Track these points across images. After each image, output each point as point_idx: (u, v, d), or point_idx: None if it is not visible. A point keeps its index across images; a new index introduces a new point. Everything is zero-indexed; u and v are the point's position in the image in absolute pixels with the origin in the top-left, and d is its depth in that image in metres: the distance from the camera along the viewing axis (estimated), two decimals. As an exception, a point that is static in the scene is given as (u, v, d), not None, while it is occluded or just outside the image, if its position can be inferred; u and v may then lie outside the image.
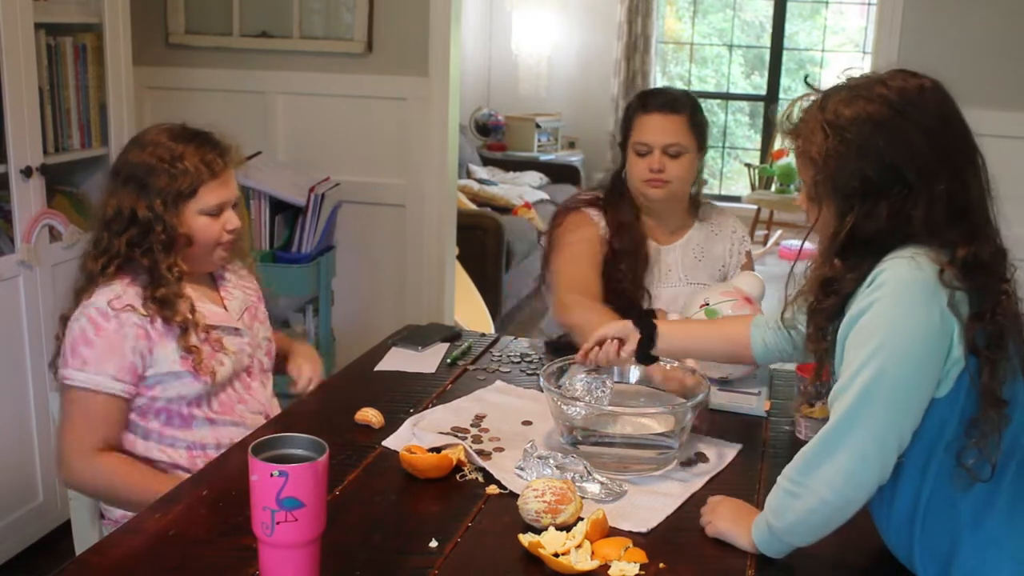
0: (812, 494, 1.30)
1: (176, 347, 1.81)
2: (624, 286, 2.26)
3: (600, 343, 1.80)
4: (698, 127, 2.28)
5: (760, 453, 1.77)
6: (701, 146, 2.31)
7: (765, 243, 6.99)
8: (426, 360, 2.21)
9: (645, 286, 2.30)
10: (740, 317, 1.84)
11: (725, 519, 1.46)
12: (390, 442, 1.76)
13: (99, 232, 1.85)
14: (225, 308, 1.95)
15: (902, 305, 1.26)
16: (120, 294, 1.79)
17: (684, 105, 2.27)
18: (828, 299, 1.33)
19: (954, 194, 1.28)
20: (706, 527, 1.47)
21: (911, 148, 1.27)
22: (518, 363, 2.22)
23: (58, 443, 1.80)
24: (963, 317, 1.26)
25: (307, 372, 2.07)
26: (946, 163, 1.27)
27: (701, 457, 1.73)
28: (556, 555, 1.36)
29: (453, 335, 2.39)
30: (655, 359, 1.79)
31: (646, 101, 2.29)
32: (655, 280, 2.32)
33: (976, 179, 1.30)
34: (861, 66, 6.95)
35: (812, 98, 1.37)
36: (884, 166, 1.27)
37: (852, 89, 1.33)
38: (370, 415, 1.83)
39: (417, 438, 1.77)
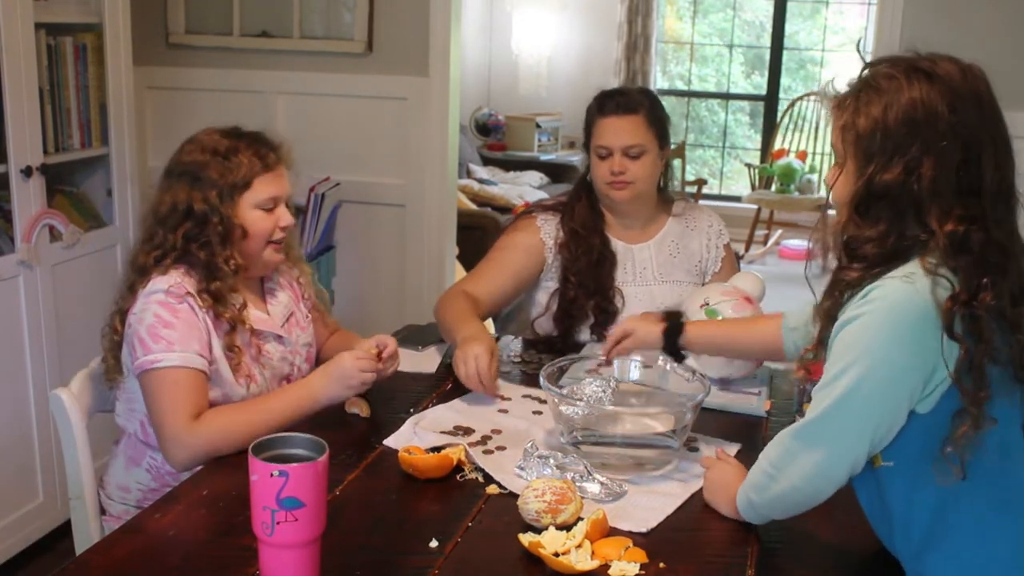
0: (786, 480, 1.38)
1: (221, 346, 1.81)
2: (588, 289, 2.28)
3: (618, 341, 1.88)
4: (657, 124, 2.28)
5: (759, 451, 1.77)
6: (663, 142, 2.30)
7: (765, 243, 6.99)
8: (426, 360, 2.21)
9: (617, 286, 2.30)
10: (770, 317, 1.87)
11: (711, 489, 1.57)
12: (390, 442, 1.76)
13: (152, 228, 1.85)
14: (268, 314, 1.95)
15: (887, 325, 1.28)
16: (179, 281, 1.79)
17: (640, 104, 2.26)
18: (851, 266, 1.34)
19: (966, 167, 1.29)
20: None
21: (933, 109, 1.29)
22: (518, 363, 2.21)
23: (158, 428, 1.75)
24: (957, 337, 1.26)
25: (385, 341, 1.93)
26: (964, 133, 1.29)
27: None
28: (556, 555, 1.36)
29: (453, 335, 2.39)
30: (683, 356, 1.81)
31: (602, 104, 2.29)
32: (628, 280, 2.33)
33: (994, 165, 1.30)
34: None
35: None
36: (905, 123, 1.30)
37: (895, 59, 1.37)
38: (359, 403, 1.88)
39: (418, 438, 1.77)
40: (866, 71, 1.37)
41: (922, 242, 1.30)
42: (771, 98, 7.41)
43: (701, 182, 6.96)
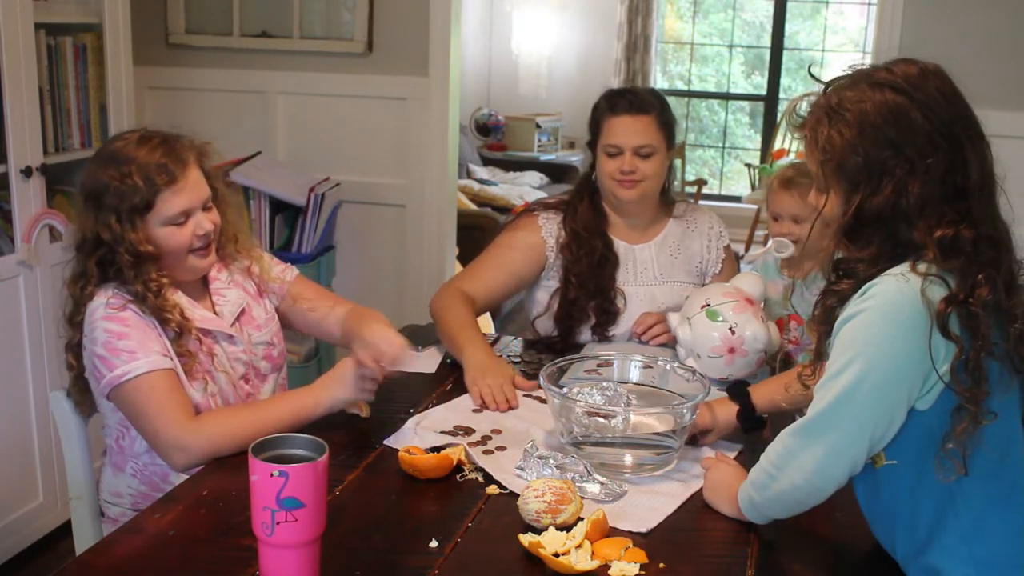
0: (786, 478, 1.38)
1: (172, 350, 1.78)
2: (589, 290, 2.28)
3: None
4: (666, 126, 2.29)
5: (760, 453, 1.77)
6: (670, 144, 2.31)
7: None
8: (426, 360, 2.21)
9: (618, 286, 2.31)
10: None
11: (712, 489, 1.57)
12: (391, 442, 1.77)
13: (76, 254, 1.81)
14: (216, 313, 1.90)
15: (885, 322, 1.28)
16: (114, 293, 1.76)
17: (652, 105, 2.27)
18: (842, 282, 1.35)
19: (951, 171, 1.29)
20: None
21: (909, 124, 1.29)
22: (518, 363, 2.21)
23: (153, 436, 1.71)
24: (953, 336, 1.27)
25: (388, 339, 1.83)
26: (943, 139, 1.29)
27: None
28: (556, 555, 1.36)
29: (453, 335, 2.38)
30: (761, 421, 1.78)
31: (614, 103, 2.29)
32: (629, 280, 2.33)
33: (976, 162, 1.30)
34: (863, 62, 6.96)
35: (816, 94, 1.40)
36: (884, 143, 1.30)
37: (854, 76, 1.36)
38: (359, 403, 1.86)
39: (419, 438, 1.77)
40: (829, 95, 1.35)
41: (915, 247, 1.30)
42: (771, 98, 7.40)
43: (701, 182, 6.95)
